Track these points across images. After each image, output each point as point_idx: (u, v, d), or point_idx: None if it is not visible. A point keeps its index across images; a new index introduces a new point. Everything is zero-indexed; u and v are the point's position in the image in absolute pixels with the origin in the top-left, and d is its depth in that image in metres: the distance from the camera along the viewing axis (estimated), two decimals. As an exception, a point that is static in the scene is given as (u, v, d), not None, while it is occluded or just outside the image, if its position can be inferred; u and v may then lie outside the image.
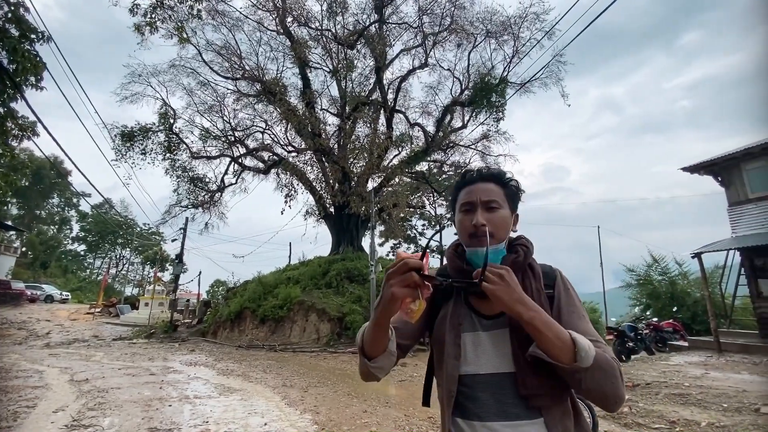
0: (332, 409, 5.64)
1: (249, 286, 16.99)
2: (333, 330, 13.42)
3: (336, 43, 17.09)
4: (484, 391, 0.93)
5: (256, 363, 9.87)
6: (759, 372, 7.34)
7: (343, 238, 19.60)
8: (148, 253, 44.08)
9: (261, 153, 19.91)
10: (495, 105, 16.95)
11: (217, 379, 7.82)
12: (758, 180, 10.70)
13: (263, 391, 6.81)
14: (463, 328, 1.00)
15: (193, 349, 12.77)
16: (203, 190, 19.68)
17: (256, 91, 18.34)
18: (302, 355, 11.57)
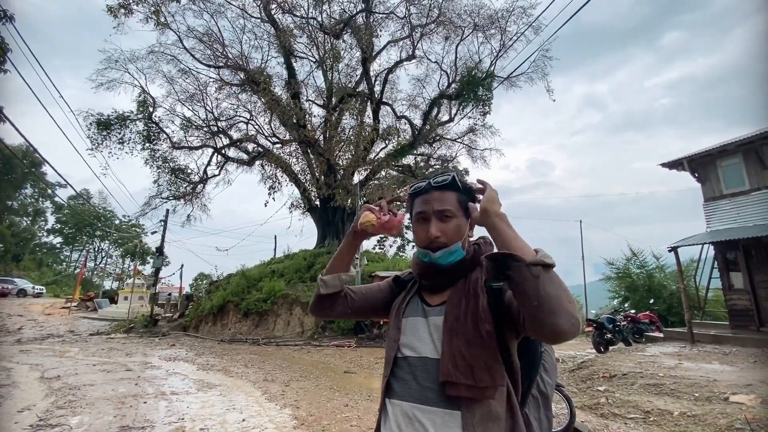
0: (313, 403, 5.59)
1: (232, 280, 16.75)
2: (317, 323, 13.36)
3: (322, 33, 16.78)
4: (409, 372, 0.95)
5: (237, 357, 9.74)
6: (729, 362, 7.60)
7: (328, 231, 19.46)
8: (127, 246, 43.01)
9: (245, 144, 19.52)
10: (482, 99, 16.98)
11: (196, 374, 7.68)
12: (732, 176, 11.00)
13: (244, 386, 6.72)
14: (406, 313, 1.04)
15: (174, 344, 12.53)
16: (185, 182, 19.22)
17: (239, 80, 17.90)
18: (286, 348, 11.48)
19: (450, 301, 0.97)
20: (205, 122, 18.58)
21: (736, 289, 10.67)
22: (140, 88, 17.12)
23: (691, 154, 11.77)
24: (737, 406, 4.67)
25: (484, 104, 17.18)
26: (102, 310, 22.77)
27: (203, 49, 17.35)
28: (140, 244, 33.98)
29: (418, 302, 1.05)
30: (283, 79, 18.23)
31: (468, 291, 0.96)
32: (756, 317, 10.02)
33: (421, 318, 1.01)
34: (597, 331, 10.39)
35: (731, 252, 10.83)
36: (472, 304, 0.93)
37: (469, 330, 0.90)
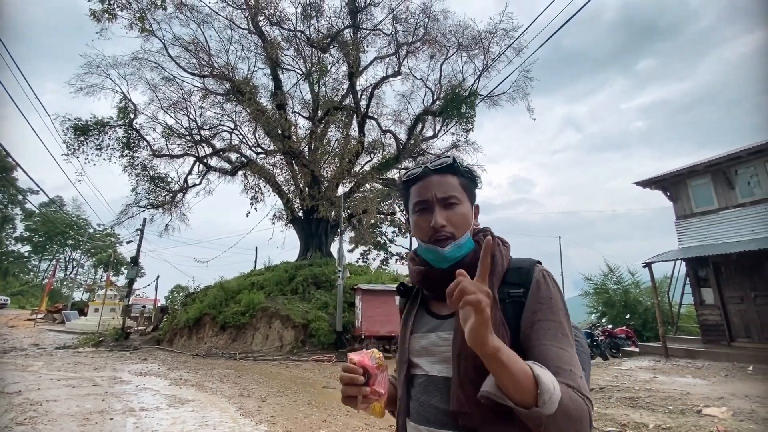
0: (290, 419, 5.43)
1: (210, 292, 16.30)
2: (297, 337, 13.08)
3: (309, 46, 16.95)
4: (423, 393, 0.86)
5: (213, 372, 9.41)
6: (701, 375, 7.80)
7: (311, 243, 19.26)
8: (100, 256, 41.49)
9: (228, 154, 19.30)
10: (465, 116, 17.36)
11: (168, 389, 7.37)
12: (702, 195, 11.50)
13: (218, 401, 6.48)
14: (414, 329, 0.93)
15: (146, 358, 12.04)
16: (164, 190, 18.80)
17: (224, 89, 17.82)
18: (263, 363, 11.17)
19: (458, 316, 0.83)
20: (188, 131, 18.33)
21: (707, 304, 11.03)
22: (122, 95, 16.83)
23: (664, 174, 12.27)
24: (710, 418, 4.77)
25: (467, 121, 17.56)
26: (70, 323, 21.74)
27: (188, 58, 17.26)
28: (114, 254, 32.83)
29: (424, 315, 0.94)
30: (269, 90, 18.26)
31: None
32: (726, 332, 10.35)
33: (431, 334, 0.90)
34: (576, 345, 10.53)
35: (702, 269, 11.23)
36: None
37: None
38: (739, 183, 10.74)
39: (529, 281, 0.83)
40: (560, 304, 0.81)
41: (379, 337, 12.53)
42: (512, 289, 0.83)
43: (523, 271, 0.85)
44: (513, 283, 0.84)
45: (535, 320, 0.79)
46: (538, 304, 0.80)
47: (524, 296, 0.82)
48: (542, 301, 0.80)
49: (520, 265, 0.87)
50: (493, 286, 0.81)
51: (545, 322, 0.78)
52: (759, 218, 10.03)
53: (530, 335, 0.78)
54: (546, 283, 0.83)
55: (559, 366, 0.73)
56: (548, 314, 0.79)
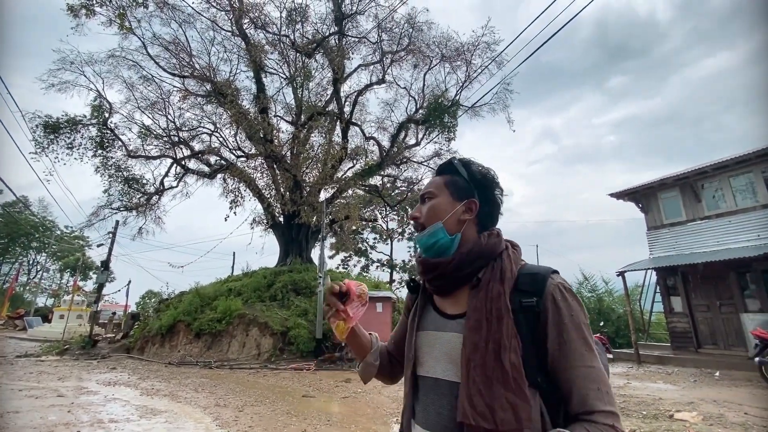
0: (268, 429, 5.29)
1: (185, 298, 15.79)
2: (275, 345, 12.81)
3: (294, 51, 16.88)
4: (427, 395, 0.86)
5: (187, 381, 9.08)
6: (672, 381, 8.08)
7: (291, 248, 19.00)
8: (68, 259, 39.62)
9: (207, 156, 18.89)
10: (447, 125, 17.62)
11: (139, 400, 7.06)
12: (671, 207, 12.03)
13: (192, 412, 6.25)
14: (421, 326, 0.95)
15: (115, 367, 11.51)
16: (139, 192, 18.18)
17: (205, 91, 17.49)
18: (240, 372, 10.87)
19: (469, 321, 0.82)
20: (166, 132, 17.86)
21: (676, 312, 11.49)
22: (96, 92, 16.26)
23: (636, 187, 12.78)
24: (681, 423, 4.94)
25: (449, 131, 17.83)
26: (33, 330, 20.59)
27: (168, 58, 16.88)
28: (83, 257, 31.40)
29: (431, 311, 0.95)
30: (251, 93, 18.05)
31: (489, 310, 0.80)
32: (694, 339, 10.78)
33: (437, 332, 0.89)
34: (553, 352, 10.74)
35: (671, 277, 11.70)
36: (494, 329, 0.78)
37: (489, 362, 0.76)
38: (705, 196, 11.30)
39: (542, 290, 0.81)
40: (581, 317, 0.80)
41: (360, 344, 12.41)
42: (525, 298, 0.81)
43: (538, 279, 0.83)
44: (525, 291, 0.82)
45: (562, 342, 0.77)
46: (563, 325, 0.78)
47: (537, 306, 0.80)
48: (565, 320, 0.78)
49: (534, 271, 0.85)
50: (503, 293, 0.81)
51: (572, 343, 0.77)
52: (723, 230, 10.56)
53: (559, 359, 0.77)
54: (565, 300, 0.80)
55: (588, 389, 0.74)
56: (573, 333, 0.77)
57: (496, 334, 0.77)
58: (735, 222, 10.22)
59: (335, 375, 10.31)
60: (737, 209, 10.30)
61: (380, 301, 13.18)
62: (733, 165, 10.26)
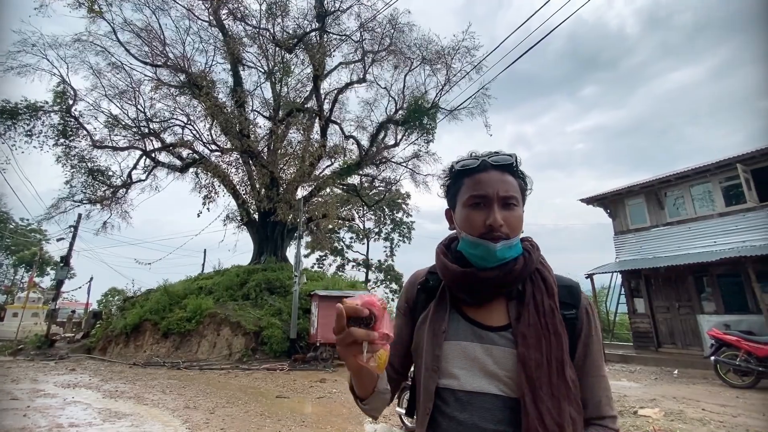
0: (241, 431, 5.15)
1: (152, 296, 15.18)
2: (248, 345, 12.51)
3: (274, 45, 16.55)
4: (460, 409, 0.79)
5: (153, 383, 8.72)
6: (635, 379, 8.46)
7: (265, 246, 18.62)
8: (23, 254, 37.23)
9: (179, 149, 18.23)
10: (426, 127, 17.76)
11: (102, 402, 6.72)
12: (637, 214, 12.62)
13: (160, 414, 6.00)
14: (448, 336, 0.85)
15: (74, 368, 10.91)
16: (104, 185, 17.32)
17: (179, 81, 16.87)
18: (210, 372, 10.55)
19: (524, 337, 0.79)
20: (135, 122, 17.10)
21: (639, 313, 12.05)
22: (60, 78, 15.38)
23: (605, 193, 13.32)
24: (645, 419, 5.18)
25: (428, 133, 17.98)
26: (-19, 329, 19.18)
27: (140, 45, 16.16)
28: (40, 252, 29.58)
29: (460, 320, 0.87)
30: (228, 86, 17.56)
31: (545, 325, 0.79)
32: (655, 338, 11.34)
33: (478, 344, 0.82)
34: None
35: (635, 280, 12.27)
36: (554, 346, 0.78)
37: (554, 380, 0.76)
38: (668, 204, 11.91)
39: (578, 303, 0.86)
40: (600, 332, 0.87)
41: (335, 344, 12.30)
42: (566, 310, 0.84)
43: (573, 292, 0.88)
44: (566, 303, 0.85)
45: (588, 353, 0.84)
46: (590, 338, 0.84)
47: (576, 317, 0.85)
48: (593, 333, 0.85)
49: (567, 284, 0.89)
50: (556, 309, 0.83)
51: (595, 354, 0.84)
52: (683, 236, 11.17)
53: (582, 368, 0.83)
54: (593, 314, 0.87)
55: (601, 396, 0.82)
56: (596, 345, 0.85)
57: (557, 351, 0.78)
58: (694, 229, 10.83)
59: (309, 375, 10.19)
60: (696, 216, 10.92)
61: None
62: (694, 175, 10.87)
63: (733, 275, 9.71)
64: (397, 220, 31.50)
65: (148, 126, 17.37)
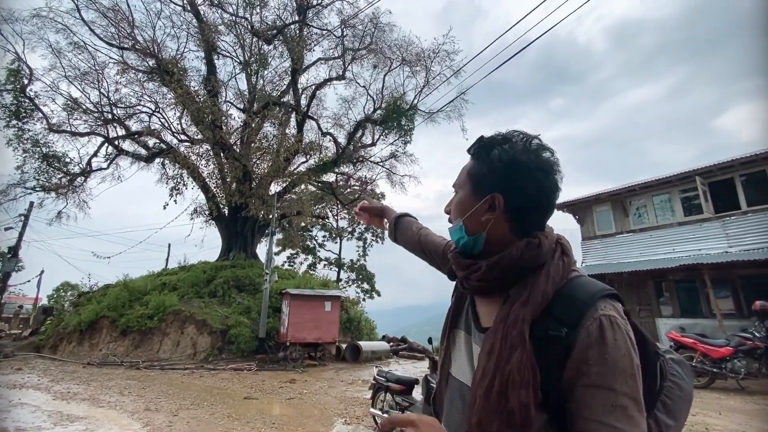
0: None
1: (111, 291, 14.33)
2: (214, 344, 12.03)
3: (253, 35, 16.04)
4: (454, 398, 0.82)
5: (110, 384, 8.19)
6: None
7: (235, 242, 18.02)
8: (-37, 244, 34.25)
9: (145, 138, 17.33)
10: (404, 128, 17.79)
11: (52, 405, 6.22)
12: (603, 220, 13.16)
13: (118, 417, 5.62)
14: (458, 325, 0.88)
15: (21, 368, 10.09)
16: (60, 172, 16.20)
17: (147, 67, 16.04)
18: (173, 373, 10.05)
19: (485, 344, 0.71)
20: (98, 107, 16.10)
21: (602, 316, 12.55)
22: (14, 55, 14.24)
23: (575, 200, 13.81)
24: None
25: (405, 134, 18.01)
26: None
27: (106, 26, 15.24)
28: (-16, 242, 27.29)
29: (468, 311, 0.86)
30: (201, 75, 16.88)
31: (504, 336, 0.67)
32: (616, 341, 11.84)
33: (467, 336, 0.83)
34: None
35: (600, 285, 12.78)
36: (504, 359, 0.65)
37: (493, 396, 0.64)
38: (632, 212, 12.50)
39: (578, 321, 0.65)
40: (619, 365, 0.61)
41: (306, 344, 12.06)
42: (553, 327, 0.66)
43: (577, 306, 0.67)
44: (558, 319, 0.66)
45: (578, 384, 0.62)
46: (585, 364, 0.62)
47: (567, 338, 0.64)
48: (592, 359, 0.62)
49: (575, 295, 0.68)
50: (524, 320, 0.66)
51: (592, 390, 0.61)
52: (645, 243, 11.74)
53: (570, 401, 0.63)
54: (601, 336, 0.62)
55: None
56: (598, 378, 0.61)
57: (506, 365, 0.64)
58: (655, 236, 11.41)
59: (278, 375, 9.91)
60: (657, 225, 11.52)
61: (329, 300, 12.94)
62: (657, 185, 11.46)
63: (689, 281, 10.30)
64: (371, 219, 31.37)
65: (112, 112, 16.43)
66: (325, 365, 11.91)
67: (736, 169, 9.76)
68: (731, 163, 9.72)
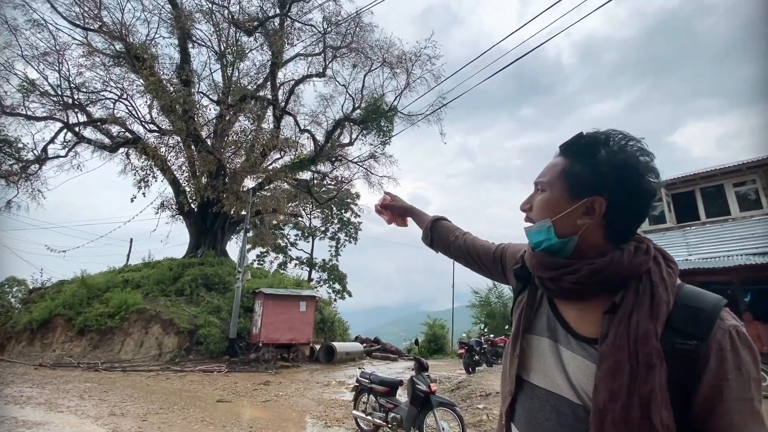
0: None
1: (67, 288, 13.39)
2: (181, 345, 11.50)
3: (233, 26, 15.49)
4: (533, 403, 0.77)
5: (67, 387, 7.64)
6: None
7: (204, 239, 17.34)
8: None
9: (109, 126, 16.35)
10: (383, 129, 17.77)
11: (4, 410, 5.70)
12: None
13: (80, 423, 5.23)
14: (533, 329, 0.81)
15: (-40, 370, 9.23)
16: (11, 158, 14.99)
17: (114, 51, 15.13)
18: (136, 375, 9.51)
19: (605, 360, 0.65)
20: (57, 90, 15.04)
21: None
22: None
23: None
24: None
25: (384, 135, 17.99)
26: None
27: (70, 5, 14.27)
28: None
29: (549, 316, 0.79)
30: (174, 63, 16.12)
31: (634, 352, 0.63)
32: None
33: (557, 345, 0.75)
34: (468, 353, 11.35)
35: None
36: (641, 379, 0.61)
37: (633, 419, 0.61)
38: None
39: (707, 333, 0.63)
40: (752, 374, 0.62)
41: (279, 345, 11.77)
42: (679, 339, 0.63)
43: (703, 317, 0.64)
44: (682, 331, 0.64)
45: (718, 400, 0.61)
46: (725, 379, 0.61)
47: (696, 351, 0.62)
48: (730, 372, 0.61)
49: (697, 305, 0.66)
50: (654, 334, 0.63)
51: (732, 403, 0.61)
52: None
53: (708, 420, 0.62)
54: (735, 348, 0.62)
55: None
56: (737, 391, 0.61)
57: (643, 385, 0.61)
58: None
59: (252, 377, 9.60)
60: (623, 232, 12.11)
61: (303, 300, 12.71)
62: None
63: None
64: (345, 219, 31.13)
65: (73, 96, 15.38)
66: (298, 366, 11.67)
67: (697, 183, 10.42)
68: (693, 176, 10.37)
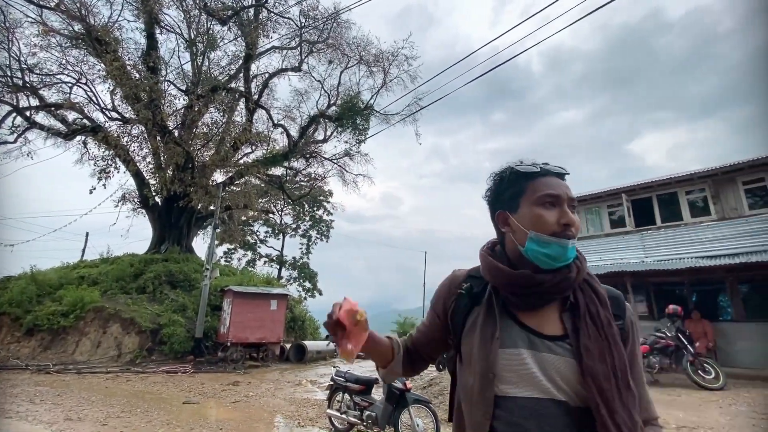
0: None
1: (14, 285, 12.40)
2: (142, 345, 10.94)
3: (205, 13, 14.87)
4: (522, 417, 0.78)
5: (15, 391, 7.07)
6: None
7: (168, 234, 16.58)
8: None
9: (64, 111, 15.30)
10: (359, 127, 17.68)
11: (-60, 418, 5.20)
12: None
13: (32, 430, 4.86)
14: (502, 343, 0.84)
15: None
16: (-50, 142, 13.69)
17: (73, 32, 14.15)
18: (93, 377, 8.95)
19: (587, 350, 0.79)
20: (6, 70, 13.89)
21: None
22: None
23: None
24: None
25: (360, 133, 17.90)
26: None
27: (23, -22, 13.19)
28: None
29: (513, 327, 0.86)
30: (140, 48, 15.30)
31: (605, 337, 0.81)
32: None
33: (533, 351, 0.82)
34: (439, 352, 11.52)
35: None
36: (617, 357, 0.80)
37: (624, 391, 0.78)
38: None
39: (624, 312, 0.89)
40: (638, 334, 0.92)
41: (248, 344, 11.45)
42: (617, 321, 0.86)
43: (620, 303, 0.91)
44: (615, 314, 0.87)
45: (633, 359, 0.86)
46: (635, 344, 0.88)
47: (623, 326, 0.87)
48: (637, 340, 0.89)
49: (614, 295, 0.92)
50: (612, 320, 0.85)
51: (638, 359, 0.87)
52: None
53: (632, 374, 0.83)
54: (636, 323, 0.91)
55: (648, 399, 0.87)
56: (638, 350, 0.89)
57: (620, 362, 0.80)
58: (586, 245, 12.53)
59: (219, 378, 9.28)
60: (589, 235, 12.64)
61: (275, 298, 12.44)
62: (590, 199, 12.59)
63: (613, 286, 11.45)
64: (317, 217, 30.73)
65: (24, 77, 14.26)
66: (268, 366, 11.40)
67: (654, 190, 11.09)
68: (650, 183, 11.02)
